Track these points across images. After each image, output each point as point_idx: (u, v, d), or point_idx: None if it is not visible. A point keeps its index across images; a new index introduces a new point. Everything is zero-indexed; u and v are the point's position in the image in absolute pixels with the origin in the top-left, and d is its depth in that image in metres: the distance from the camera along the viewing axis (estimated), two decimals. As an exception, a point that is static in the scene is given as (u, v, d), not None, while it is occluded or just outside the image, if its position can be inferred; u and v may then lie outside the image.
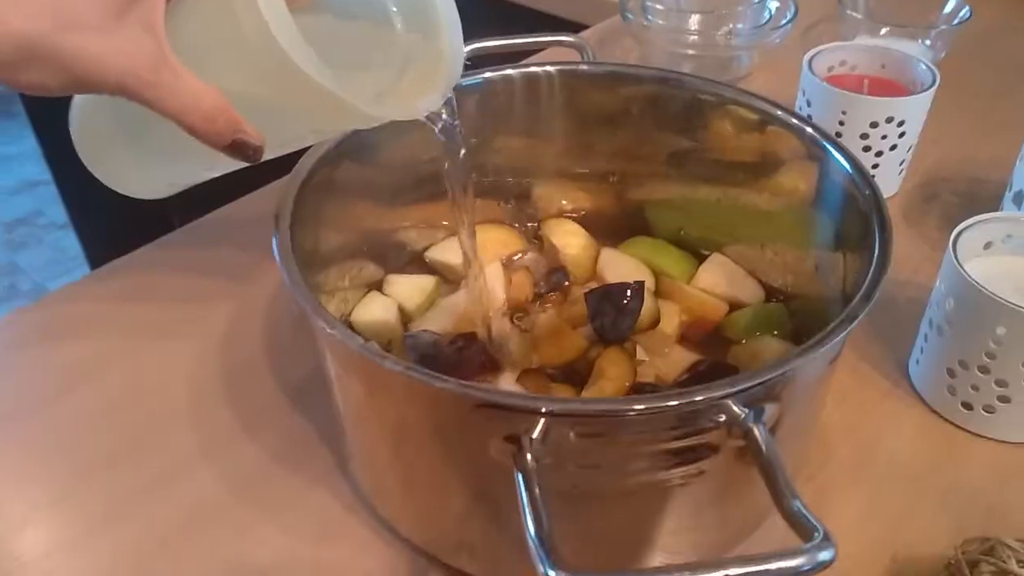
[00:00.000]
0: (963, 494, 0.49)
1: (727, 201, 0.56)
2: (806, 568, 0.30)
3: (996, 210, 0.66)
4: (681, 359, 0.52)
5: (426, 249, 0.59)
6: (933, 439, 0.52)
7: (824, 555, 0.30)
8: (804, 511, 0.32)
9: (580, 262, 0.58)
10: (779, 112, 0.49)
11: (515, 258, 0.60)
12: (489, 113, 0.54)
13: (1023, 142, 0.61)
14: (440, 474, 0.39)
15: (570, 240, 0.59)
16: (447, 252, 0.58)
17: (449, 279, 0.58)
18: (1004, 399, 0.50)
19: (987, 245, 0.53)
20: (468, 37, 0.45)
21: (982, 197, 0.71)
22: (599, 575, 0.34)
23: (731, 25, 0.89)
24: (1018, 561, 0.38)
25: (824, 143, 0.46)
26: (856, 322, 0.36)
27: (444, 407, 0.36)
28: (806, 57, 0.70)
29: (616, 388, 0.48)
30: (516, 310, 0.55)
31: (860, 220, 0.42)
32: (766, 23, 0.87)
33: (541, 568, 0.30)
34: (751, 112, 0.50)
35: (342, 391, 0.42)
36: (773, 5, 0.88)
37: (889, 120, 0.66)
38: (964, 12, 0.86)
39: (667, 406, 0.33)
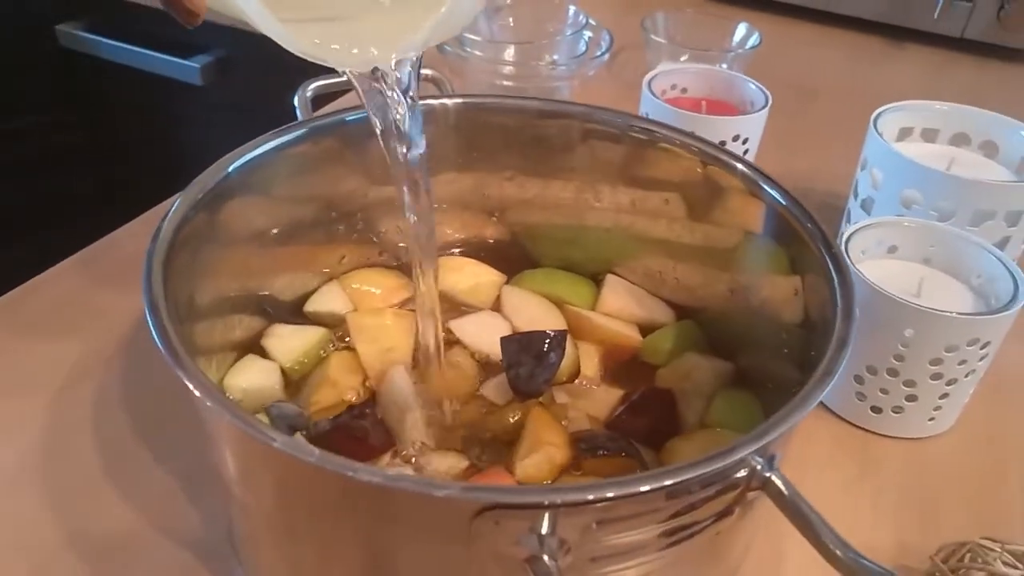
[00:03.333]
0: (892, 497, 0.49)
1: (618, 231, 0.53)
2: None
3: (837, 218, 0.70)
4: (607, 396, 0.49)
5: (304, 300, 0.51)
6: (850, 447, 0.52)
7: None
8: (861, 559, 0.29)
9: (480, 295, 0.53)
10: (686, 139, 0.47)
11: (407, 305, 0.53)
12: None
13: (860, 154, 0.65)
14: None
15: (465, 272, 0.54)
16: (329, 301, 0.51)
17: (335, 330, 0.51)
18: (911, 398, 0.51)
19: (864, 251, 0.55)
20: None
21: (814, 206, 0.74)
22: None
23: (548, 56, 0.88)
24: (1004, 562, 0.38)
25: (751, 174, 0.45)
26: (850, 345, 0.34)
27: (437, 516, 0.29)
28: (646, 80, 0.71)
29: (563, 454, 0.43)
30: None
31: (795, 244, 0.41)
32: (583, 53, 0.87)
33: None
34: (654, 140, 0.47)
35: (262, 506, 0.33)
36: (587, 35, 0.88)
37: (736, 138, 0.67)
38: (754, 38, 0.91)
39: (701, 473, 0.29)
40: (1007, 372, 0.57)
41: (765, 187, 0.44)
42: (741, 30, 0.93)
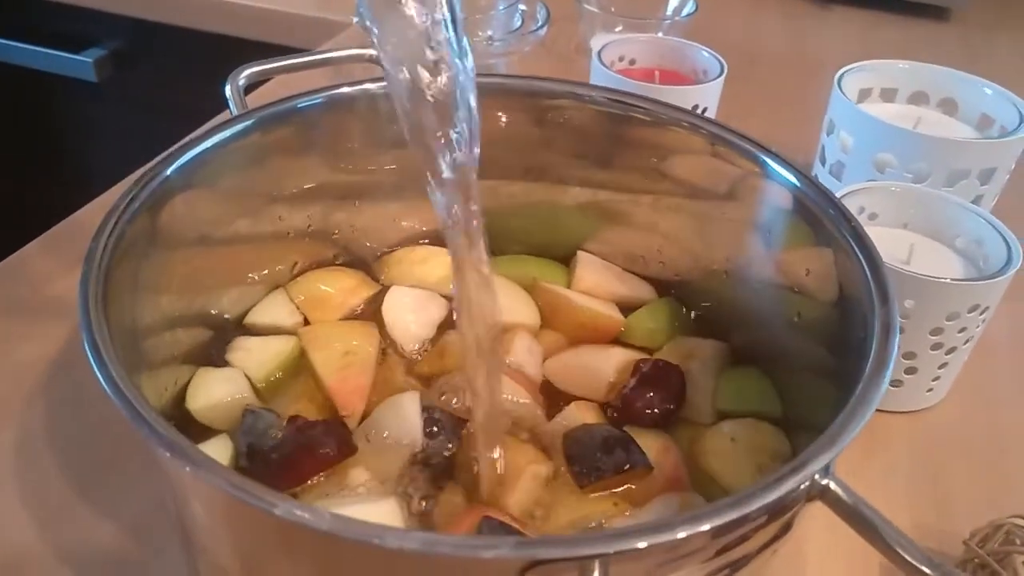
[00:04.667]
0: (902, 474, 0.47)
1: (597, 212, 0.49)
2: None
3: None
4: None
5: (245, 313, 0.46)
6: (850, 426, 0.50)
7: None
8: (950, 571, 0.26)
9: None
10: (675, 113, 0.43)
11: (361, 308, 0.48)
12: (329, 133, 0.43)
13: (822, 118, 0.62)
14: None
15: (432, 263, 0.49)
16: (274, 312, 0.46)
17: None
18: (911, 370, 0.49)
19: (846, 220, 0.53)
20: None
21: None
22: None
23: (482, 33, 0.83)
24: (1046, 542, 0.36)
25: (756, 151, 0.41)
26: (896, 330, 0.31)
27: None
28: (595, 52, 0.67)
29: (545, 465, 0.39)
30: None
31: (807, 222, 0.38)
32: (518, 28, 0.83)
33: None
34: (649, 117, 0.43)
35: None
36: (521, 8, 0.84)
37: (695, 108, 0.64)
38: (690, 5, 0.88)
39: (768, 503, 0.25)
40: (992, 335, 0.56)
41: (774, 165, 0.40)
42: (675, -3, 0.90)
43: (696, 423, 0.42)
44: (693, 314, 0.48)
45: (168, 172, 0.35)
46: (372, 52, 0.52)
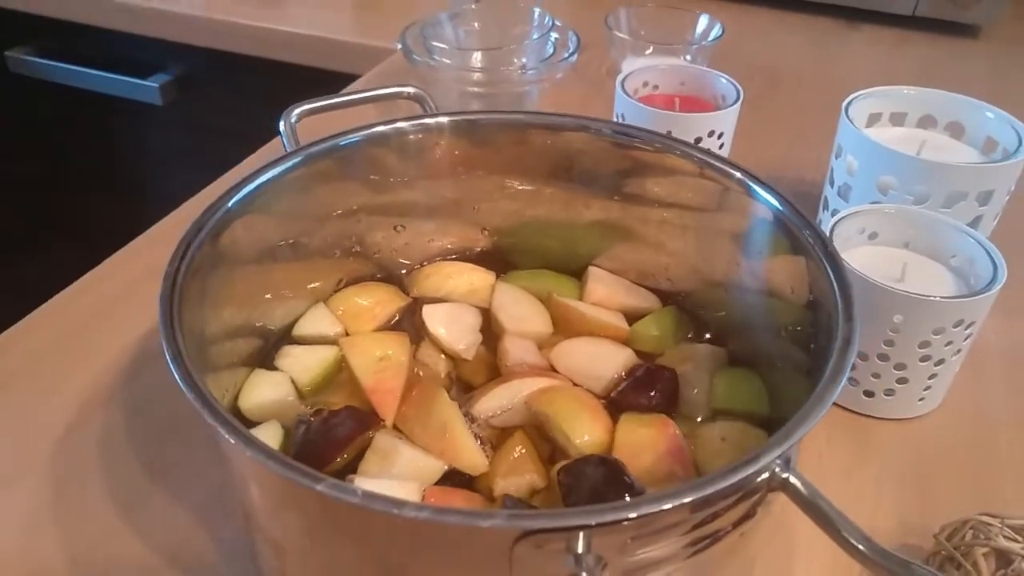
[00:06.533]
0: (891, 478, 0.51)
1: (610, 235, 0.54)
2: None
3: (811, 204, 0.72)
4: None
5: (293, 324, 0.51)
6: (846, 431, 0.54)
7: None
8: (884, 552, 0.30)
9: (478, 296, 0.54)
10: (683, 148, 0.47)
11: (395, 319, 0.53)
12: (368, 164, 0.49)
13: (831, 141, 0.66)
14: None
15: (461, 278, 0.55)
16: (317, 323, 0.51)
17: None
18: (902, 380, 0.53)
19: (847, 239, 0.57)
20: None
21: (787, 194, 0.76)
22: None
23: (517, 60, 0.89)
24: (1005, 536, 0.40)
25: (747, 180, 0.46)
26: (855, 345, 0.35)
27: (480, 545, 0.29)
28: (618, 81, 0.71)
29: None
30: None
31: (792, 246, 0.43)
32: (551, 56, 0.88)
33: None
34: (653, 149, 0.48)
35: (295, 544, 0.34)
36: (554, 36, 0.89)
37: (711, 134, 0.68)
38: (716, 29, 0.93)
39: (726, 485, 0.30)
40: (985, 346, 0.59)
41: (761, 192, 0.45)
42: (703, 22, 0.94)
43: (691, 419, 0.46)
44: (695, 323, 0.53)
45: (230, 204, 0.42)
46: (411, 89, 0.58)
